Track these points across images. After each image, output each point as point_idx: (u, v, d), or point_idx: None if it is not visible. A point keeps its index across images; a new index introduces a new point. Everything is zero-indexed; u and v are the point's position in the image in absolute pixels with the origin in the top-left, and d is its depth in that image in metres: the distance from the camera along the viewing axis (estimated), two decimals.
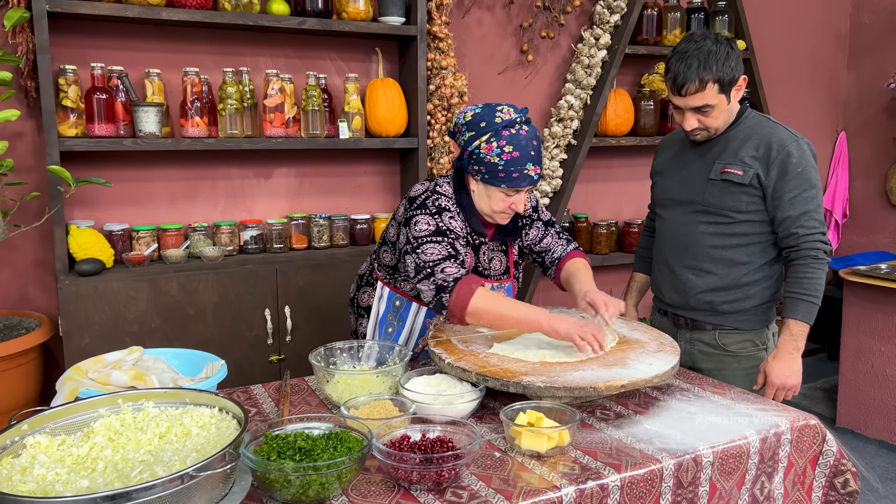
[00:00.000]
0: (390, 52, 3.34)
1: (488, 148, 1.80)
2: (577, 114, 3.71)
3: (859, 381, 3.43)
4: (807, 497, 1.65)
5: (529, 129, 1.83)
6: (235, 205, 3.15)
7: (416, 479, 1.28)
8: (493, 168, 1.80)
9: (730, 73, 1.92)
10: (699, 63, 1.90)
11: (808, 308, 1.96)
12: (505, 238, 2.00)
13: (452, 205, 1.90)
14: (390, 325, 2.09)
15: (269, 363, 2.85)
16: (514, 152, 1.79)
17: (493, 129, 1.80)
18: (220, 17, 2.77)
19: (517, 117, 1.82)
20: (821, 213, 1.98)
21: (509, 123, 1.81)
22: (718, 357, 2.10)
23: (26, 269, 2.86)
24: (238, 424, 1.29)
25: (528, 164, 1.80)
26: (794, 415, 1.64)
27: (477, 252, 1.97)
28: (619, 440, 1.50)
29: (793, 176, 1.95)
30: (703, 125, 2.00)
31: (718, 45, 1.91)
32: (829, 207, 4.84)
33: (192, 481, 1.08)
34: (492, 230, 1.99)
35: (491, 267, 2.01)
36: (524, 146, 1.79)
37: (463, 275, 1.75)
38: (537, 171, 1.83)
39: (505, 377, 1.57)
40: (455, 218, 1.88)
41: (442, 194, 1.91)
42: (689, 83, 1.91)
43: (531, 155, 1.81)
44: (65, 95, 2.65)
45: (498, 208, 1.87)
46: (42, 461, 1.17)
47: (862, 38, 4.71)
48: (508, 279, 2.04)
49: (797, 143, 1.99)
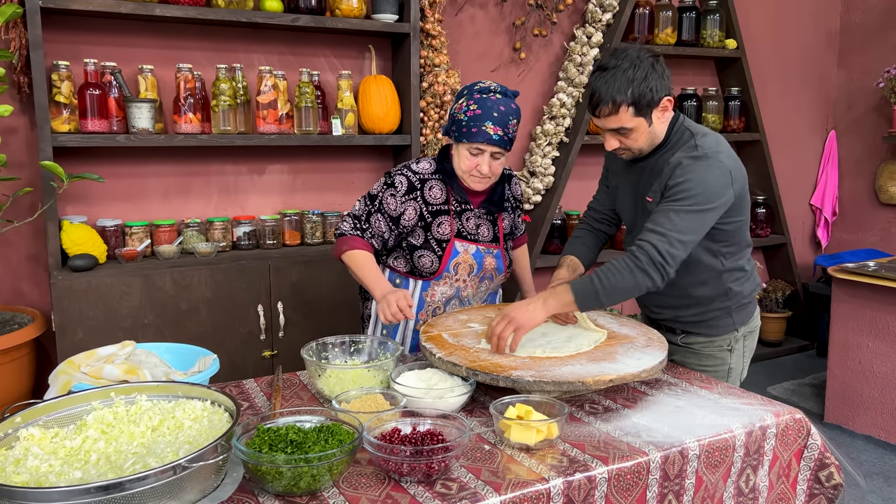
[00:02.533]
0: (383, 49, 3.35)
1: (459, 107, 1.99)
2: (570, 112, 3.73)
3: (847, 377, 3.47)
4: (791, 490, 1.68)
5: (502, 99, 1.95)
6: (228, 201, 3.16)
7: (407, 472, 1.29)
8: (460, 124, 1.97)
9: (648, 96, 1.77)
10: (614, 85, 1.76)
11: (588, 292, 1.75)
12: (490, 207, 2.13)
13: (416, 182, 2.06)
14: None
15: (261, 358, 2.86)
16: (477, 110, 1.94)
17: (469, 93, 1.99)
18: (213, 13, 2.78)
19: (494, 86, 1.98)
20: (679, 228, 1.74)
21: (484, 90, 1.97)
22: (682, 351, 2.07)
23: (19, 265, 2.86)
24: (230, 417, 1.30)
25: (487, 121, 1.92)
26: (779, 409, 1.66)
27: (460, 217, 2.10)
28: (607, 433, 1.52)
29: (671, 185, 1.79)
30: (624, 146, 1.87)
31: (638, 64, 1.77)
32: (818, 205, 4.88)
33: (184, 472, 1.09)
34: (478, 199, 2.12)
35: (479, 233, 2.13)
36: (489, 107, 1.93)
37: (350, 234, 2.06)
38: (497, 132, 1.93)
39: (495, 371, 1.59)
40: (397, 196, 2.04)
41: (411, 170, 2.08)
42: (602, 105, 1.79)
43: (493, 116, 1.93)
44: (58, 91, 2.65)
45: (465, 167, 2.00)
46: (35, 453, 1.18)
47: (852, 36, 4.74)
48: (497, 247, 2.16)
49: (694, 159, 1.79)
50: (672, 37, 3.93)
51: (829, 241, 4.95)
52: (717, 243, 1.91)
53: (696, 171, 1.77)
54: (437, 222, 2.07)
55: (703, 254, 1.92)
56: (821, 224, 4.91)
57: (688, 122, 1.92)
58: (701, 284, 1.96)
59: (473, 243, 2.11)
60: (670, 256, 1.73)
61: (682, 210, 1.75)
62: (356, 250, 2.03)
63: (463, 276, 2.11)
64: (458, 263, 2.09)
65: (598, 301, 1.76)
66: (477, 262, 2.11)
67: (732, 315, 2.01)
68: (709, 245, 1.90)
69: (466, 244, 2.10)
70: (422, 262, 2.08)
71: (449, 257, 2.08)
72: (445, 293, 2.12)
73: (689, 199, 1.75)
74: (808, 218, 4.95)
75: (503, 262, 2.17)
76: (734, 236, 1.93)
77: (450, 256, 2.08)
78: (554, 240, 3.82)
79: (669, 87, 1.83)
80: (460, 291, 2.13)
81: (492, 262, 2.14)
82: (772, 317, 4.57)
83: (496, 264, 2.15)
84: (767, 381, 4.14)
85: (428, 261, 2.07)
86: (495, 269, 2.16)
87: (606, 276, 1.75)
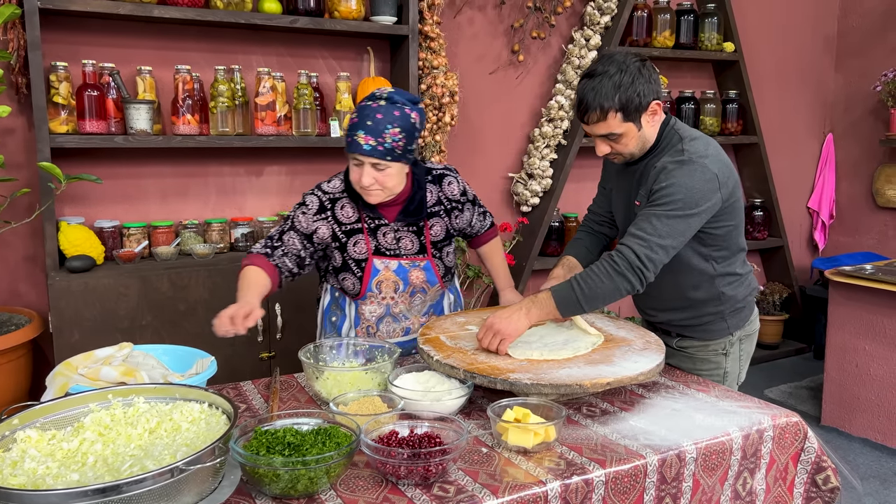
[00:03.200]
0: (382, 51, 3.35)
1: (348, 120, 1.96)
2: (568, 114, 3.74)
3: (844, 380, 3.47)
4: (788, 493, 1.68)
5: (384, 107, 1.84)
6: (226, 202, 3.16)
7: (404, 474, 1.30)
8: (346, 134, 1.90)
9: (636, 101, 1.76)
10: (601, 91, 1.76)
11: (569, 298, 1.76)
12: (407, 219, 2.01)
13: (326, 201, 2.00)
14: (333, 315, 2.13)
15: (259, 360, 2.86)
16: (354, 118, 1.87)
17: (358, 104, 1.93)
18: (212, 14, 2.78)
19: (380, 93, 1.89)
20: (660, 232, 1.74)
21: (371, 97, 1.89)
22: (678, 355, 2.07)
23: (16, 266, 2.86)
24: (227, 420, 1.30)
25: (359, 130, 1.84)
26: (776, 412, 1.66)
27: (375, 234, 2.01)
28: (605, 436, 1.52)
29: (654, 189, 1.80)
30: (615, 151, 1.87)
31: (625, 69, 1.76)
32: (815, 208, 4.89)
33: (181, 475, 1.09)
34: (393, 212, 2.01)
35: (400, 247, 2.03)
36: (365, 116, 1.85)
37: (257, 251, 1.98)
38: (369, 141, 1.82)
39: (492, 374, 1.59)
40: (308, 214, 1.99)
41: (321, 190, 2.02)
42: (590, 111, 1.78)
43: (367, 124, 1.83)
44: (56, 92, 2.65)
45: (353, 177, 1.92)
46: (33, 455, 1.18)
47: (849, 40, 4.76)
48: (425, 258, 2.05)
49: (679, 163, 1.79)
50: (670, 40, 3.94)
51: (827, 244, 4.96)
52: (708, 247, 1.92)
53: (679, 175, 1.77)
54: (352, 242, 2.00)
55: (694, 257, 1.92)
56: (818, 227, 4.92)
57: (679, 126, 1.91)
58: (693, 288, 1.97)
59: (395, 258, 2.02)
60: (649, 260, 1.74)
61: (664, 215, 1.75)
62: (251, 266, 1.94)
63: (389, 294, 2.03)
64: (380, 282, 2.01)
65: (580, 307, 1.77)
66: (401, 277, 2.02)
67: (726, 319, 2.01)
68: (699, 249, 1.91)
69: (387, 260, 2.01)
70: (345, 284, 2.03)
71: (369, 277, 2.00)
72: (375, 312, 2.05)
73: (671, 204, 1.75)
74: (806, 221, 4.96)
75: (435, 273, 2.06)
76: (725, 240, 1.93)
77: (370, 276, 2.00)
78: (552, 242, 3.82)
79: (658, 91, 1.83)
80: (391, 308, 2.05)
81: (419, 276, 2.04)
82: (769, 319, 4.58)
83: (426, 276, 2.05)
84: (764, 383, 4.15)
85: (349, 283, 2.02)
86: (426, 282, 2.06)
87: (585, 281, 1.75)
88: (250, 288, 1.88)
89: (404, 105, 1.86)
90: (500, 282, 2.31)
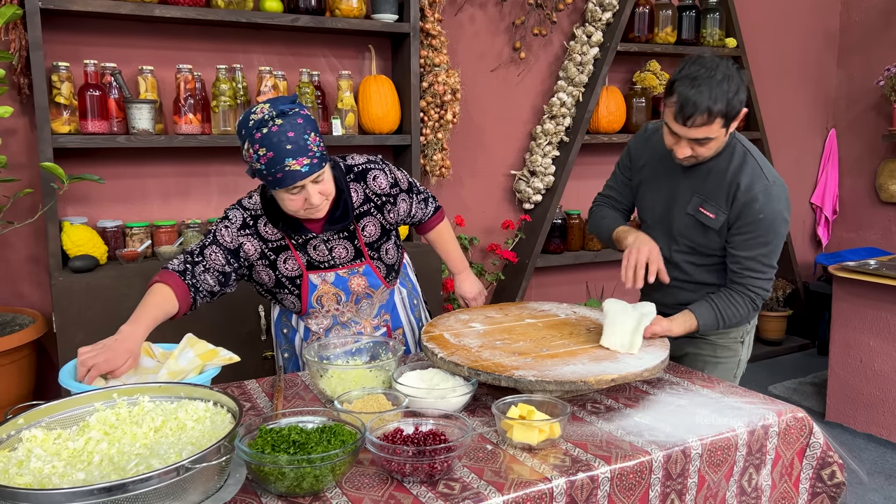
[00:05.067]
0: (383, 49, 3.35)
1: (249, 155, 1.70)
2: (570, 111, 3.73)
3: (848, 376, 3.47)
4: (794, 489, 1.68)
5: (284, 123, 1.66)
6: (229, 201, 3.14)
7: (409, 472, 1.29)
8: (262, 174, 1.70)
9: (737, 107, 1.78)
10: (710, 94, 1.74)
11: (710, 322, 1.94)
12: (333, 227, 1.86)
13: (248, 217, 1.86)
14: (285, 327, 2.08)
15: (263, 359, 2.86)
16: (268, 153, 1.66)
17: (248, 134, 1.69)
18: (213, 13, 2.77)
19: (267, 114, 1.68)
20: (773, 260, 1.93)
21: (260, 123, 1.67)
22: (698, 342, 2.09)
23: (20, 266, 2.86)
24: (232, 418, 1.30)
25: (286, 159, 1.66)
26: (781, 408, 1.66)
27: (304, 248, 1.88)
28: (610, 433, 1.52)
29: (752, 220, 1.88)
30: (695, 153, 1.87)
31: (730, 74, 1.76)
32: (818, 204, 4.88)
33: (187, 473, 1.09)
34: (318, 224, 1.87)
35: (334, 257, 1.91)
36: (276, 143, 1.65)
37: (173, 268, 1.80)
38: (304, 162, 1.67)
39: (497, 371, 1.59)
40: (230, 228, 1.85)
41: (242, 206, 1.88)
42: (697, 115, 1.75)
43: (287, 149, 1.65)
44: (58, 92, 2.65)
45: (293, 208, 1.75)
46: (38, 454, 1.18)
47: (852, 35, 4.74)
48: (363, 263, 1.94)
49: (767, 190, 1.88)
50: (672, 36, 3.93)
51: (830, 239, 4.95)
52: None
53: (773, 202, 1.89)
54: (281, 259, 1.88)
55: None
56: (821, 223, 4.91)
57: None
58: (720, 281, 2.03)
59: (331, 270, 1.91)
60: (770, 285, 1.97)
61: (774, 245, 1.93)
62: (159, 284, 1.77)
63: (332, 306, 1.95)
64: (320, 296, 1.92)
65: (716, 328, 1.97)
66: (341, 288, 1.93)
67: None
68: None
69: (322, 273, 1.91)
70: (284, 302, 1.94)
71: (308, 294, 1.91)
72: (322, 324, 1.98)
73: (774, 234, 1.92)
74: (809, 216, 4.95)
75: (377, 276, 1.96)
76: None
77: (308, 293, 1.91)
78: (554, 239, 3.82)
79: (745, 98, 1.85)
80: (338, 318, 1.98)
81: (361, 282, 1.95)
82: (772, 315, 4.58)
83: (367, 281, 1.95)
84: (768, 379, 4.14)
85: (289, 301, 1.93)
86: (368, 287, 1.96)
87: (727, 309, 1.94)
88: (146, 312, 1.71)
89: (296, 109, 1.71)
90: (453, 266, 2.24)
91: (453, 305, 3.43)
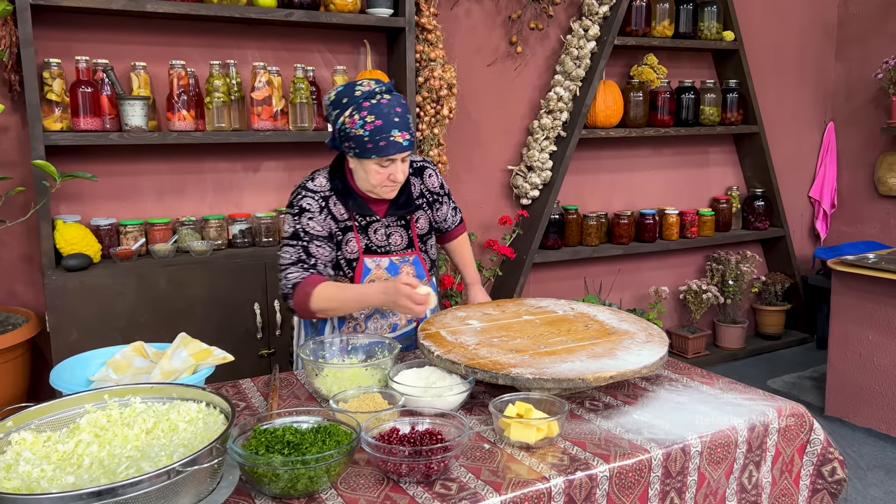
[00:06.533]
0: (378, 44, 3.32)
1: (352, 121, 1.81)
2: (567, 105, 3.71)
3: (847, 370, 3.46)
4: (794, 485, 1.66)
5: (392, 98, 1.83)
6: (224, 198, 3.13)
7: (406, 472, 1.28)
8: (360, 140, 1.81)
9: None
10: None
11: None
12: (398, 212, 1.99)
13: (319, 200, 1.93)
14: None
15: (258, 357, 2.84)
16: (376, 121, 1.79)
17: (354, 102, 1.82)
18: (205, 9, 2.74)
19: (377, 87, 1.83)
20: None
21: (369, 94, 1.82)
22: None
23: (12, 265, 2.84)
24: (225, 419, 1.28)
25: (392, 130, 1.80)
26: (781, 404, 1.64)
27: (366, 231, 1.97)
28: (608, 431, 1.50)
29: None
30: None
31: None
32: (817, 198, 4.87)
33: (178, 476, 1.07)
34: (383, 207, 1.98)
35: (390, 243, 2.00)
36: (386, 114, 1.80)
37: (301, 279, 1.84)
38: (406, 137, 1.82)
39: (494, 369, 1.57)
40: (316, 217, 1.91)
41: (310, 190, 1.94)
42: None
43: (395, 122, 1.80)
44: (49, 89, 2.62)
45: (376, 182, 1.87)
46: (27, 458, 1.16)
47: (850, 28, 4.72)
48: (413, 253, 2.04)
49: None
50: (669, 29, 3.91)
51: (828, 233, 4.94)
52: None
53: None
54: (345, 240, 1.96)
55: None
56: (819, 216, 4.90)
57: None
58: None
59: (385, 256, 1.99)
60: None
61: None
62: (319, 286, 1.83)
63: None
64: (371, 280, 1.97)
65: None
66: (392, 274, 1.99)
67: None
68: None
69: (377, 258, 1.98)
70: None
71: (360, 277, 1.96)
72: (364, 310, 2.00)
73: None
74: (807, 210, 4.93)
75: (423, 267, 2.05)
76: None
77: (361, 276, 1.96)
78: (552, 234, 3.80)
79: None
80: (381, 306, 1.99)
81: (409, 271, 2.02)
82: (771, 310, 4.56)
83: (415, 271, 2.03)
84: (767, 374, 4.13)
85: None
86: (415, 276, 2.03)
87: None
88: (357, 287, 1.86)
89: (396, 92, 1.87)
90: (469, 276, 2.32)
91: (450, 302, 3.41)
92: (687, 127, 4.05)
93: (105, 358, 1.70)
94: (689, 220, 4.19)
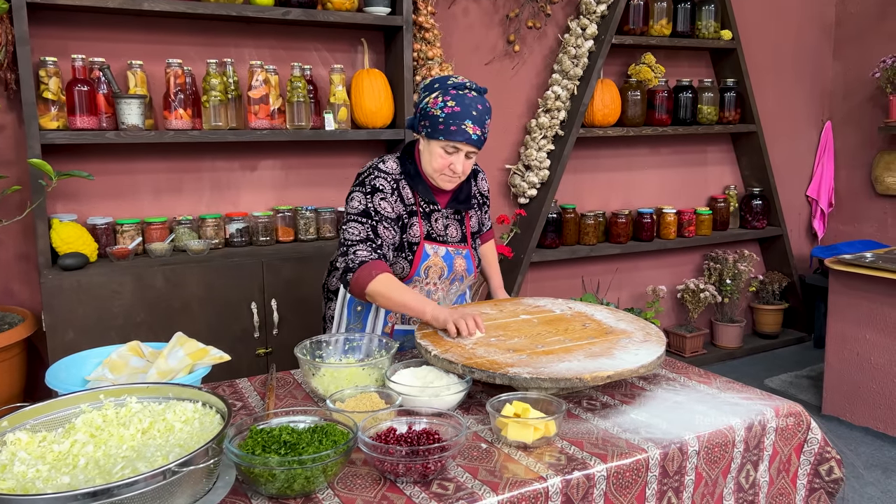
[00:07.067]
0: (376, 42, 3.32)
1: (434, 102, 1.91)
2: (564, 104, 3.70)
3: (845, 369, 3.46)
4: (792, 485, 1.66)
5: (478, 97, 1.92)
6: (220, 197, 3.13)
7: (402, 472, 1.27)
8: (435, 121, 1.89)
9: None
10: None
11: None
12: (458, 206, 2.08)
13: (391, 182, 1.98)
14: (359, 304, 2.10)
15: (255, 357, 2.83)
16: (455, 107, 1.88)
17: (443, 88, 1.92)
18: (202, 7, 2.74)
19: (469, 83, 1.93)
20: None
21: (460, 86, 1.91)
22: None
23: (8, 264, 2.83)
24: (221, 419, 1.28)
25: (466, 119, 1.87)
26: (778, 403, 1.64)
27: (429, 218, 2.04)
28: (606, 430, 1.50)
29: None
30: None
31: None
32: (814, 197, 4.87)
33: (174, 477, 1.07)
34: (445, 198, 2.06)
35: (447, 234, 2.08)
36: (467, 105, 1.88)
37: (370, 258, 1.87)
38: (476, 132, 1.89)
39: (491, 369, 1.57)
40: (388, 198, 1.96)
41: (383, 171, 1.99)
42: None
43: (472, 114, 1.88)
44: (45, 88, 2.61)
45: (437, 165, 1.93)
46: (22, 458, 1.15)
47: (847, 27, 4.72)
48: (465, 247, 2.11)
49: None
50: (667, 28, 3.91)
51: (826, 232, 4.94)
52: None
53: None
54: (410, 223, 2.01)
55: None
56: (817, 215, 4.90)
57: None
58: None
59: (443, 245, 2.05)
60: None
61: None
62: (384, 273, 1.85)
63: (433, 280, 2.05)
64: (428, 267, 2.03)
65: None
66: (447, 264, 2.05)
67: None
68: None
69: (436, 246, 2.03)
70: (394, 268, 2.00)
71: (419, 261, 2.01)
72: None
73: None
74: (805, 209, 4.94)
75: (472, 263, 2.12)
76: None
77: (420, 260, 2.01)
78: (550, 233, 3.80)
79: None
80: (431, 295, 2.07)
81: (462, 264, 2.09)
82: (769, 309, 4.57)
83: (466, 265, 2.10)
84: (764, 373, 4.13)
85: (399, 266, 2.00)
86: (465, 271, 2.10)
87: None
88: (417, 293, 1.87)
89: (485, 97, 1.95)
90: (495, 282, 2.36)
91: None
92: (685, 126, 4.05)
93: (101, 357, 1.69)
94: (686, 219, 4.19)
